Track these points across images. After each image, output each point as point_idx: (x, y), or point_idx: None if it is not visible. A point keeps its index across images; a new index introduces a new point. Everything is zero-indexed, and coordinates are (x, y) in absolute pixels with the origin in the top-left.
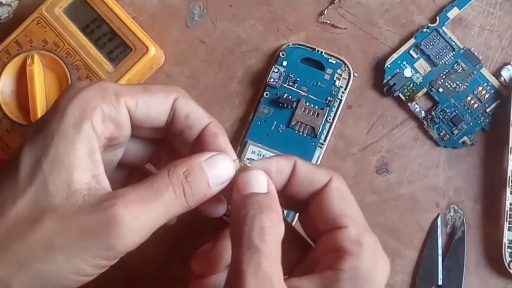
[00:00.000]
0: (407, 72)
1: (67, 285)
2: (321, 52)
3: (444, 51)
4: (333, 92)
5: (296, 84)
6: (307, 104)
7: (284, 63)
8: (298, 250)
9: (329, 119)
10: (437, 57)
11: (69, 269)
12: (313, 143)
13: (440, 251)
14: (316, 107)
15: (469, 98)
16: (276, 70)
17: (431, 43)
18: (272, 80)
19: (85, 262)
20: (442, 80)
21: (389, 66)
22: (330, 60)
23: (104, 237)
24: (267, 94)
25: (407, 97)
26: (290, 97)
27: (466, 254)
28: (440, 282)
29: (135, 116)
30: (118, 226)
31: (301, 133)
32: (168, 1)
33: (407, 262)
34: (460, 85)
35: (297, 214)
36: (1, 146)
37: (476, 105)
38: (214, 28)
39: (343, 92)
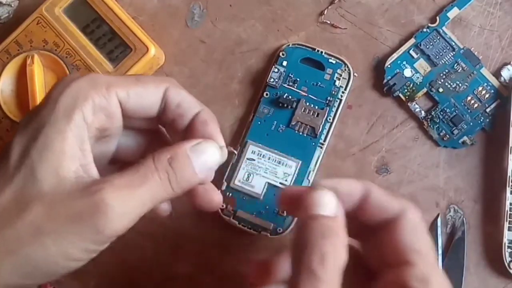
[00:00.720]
0: (407, 72)
1: (56, 271)
2: (321, 52)
3: (444, 51)
4: (333, 92)
5: (296, 84)
6: (307, 104)
7: (284, 63)
8: (360, 280)
9: (329, 119)
10: (437, 57)
11: (58, 254)
12: (313, 143)
13: (440, 251)
14: (316, 107)
15: (469, 98)
16: (276, 70)
17: (431, 43)
18: (272, 80)
19: (74, 246)
20: (442, 80)
21: (389, 66)
22: (330, 60)
23: (92, 221)
24: (267, 94)
25: (407, 97)
26: (290, 97)
27: (466, 254)
28: None
29: (127, 106)
30: (106, 210)
31: (301, 133)
32: (168, 1)
33: None
34: (460, 85)
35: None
36: (1, 146)
37: (476, 105)
38: (214, 28)
39: (343, 92)
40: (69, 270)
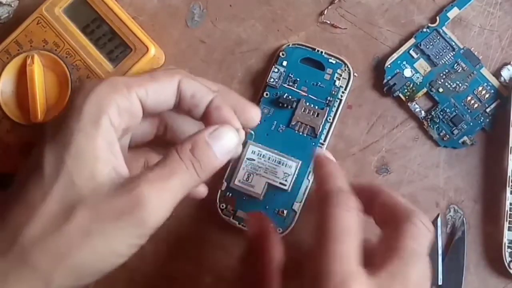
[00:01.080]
0: (407, 72)
1: (104, 269)
2: (321, 52)
3: (444, 51)
4: (333, 92)
5: (296, 84)
6: (307, 104)
7: (284, 63)
8: None
9: (329, 119)
10: (437, 57)
11: (107, 252)
12: (313, 143)
13: (440, 251)
14: (316, 107)
15: (469, 98)
16: (276, 70)
17: (431, 43)
18: (272, 80)
19: (120, 243)
20: (442, 80)
21: (389, 66)
22: (330, 60)
23: (134, 215)
24: (267, 94)
25: (407, 97)
26: (290, 97)
27: (466, 254)
28: (440, 282)
29: (147, 104)
30: (145, 204)
31: (301, 133)
32: (168, 1)
33: None
34: (460, 85)
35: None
36: (1, 146)
37: (476, 105)
38: (214, 28)
39: (343, 92)
40: (114, 266)
